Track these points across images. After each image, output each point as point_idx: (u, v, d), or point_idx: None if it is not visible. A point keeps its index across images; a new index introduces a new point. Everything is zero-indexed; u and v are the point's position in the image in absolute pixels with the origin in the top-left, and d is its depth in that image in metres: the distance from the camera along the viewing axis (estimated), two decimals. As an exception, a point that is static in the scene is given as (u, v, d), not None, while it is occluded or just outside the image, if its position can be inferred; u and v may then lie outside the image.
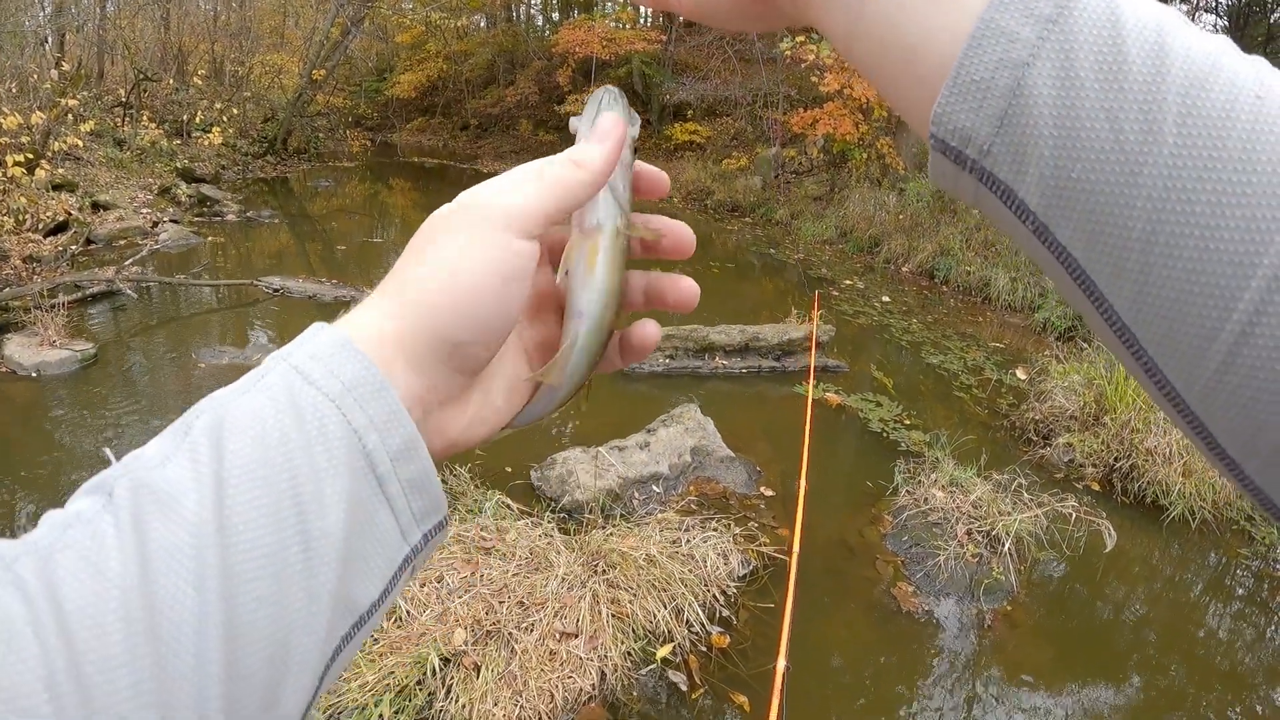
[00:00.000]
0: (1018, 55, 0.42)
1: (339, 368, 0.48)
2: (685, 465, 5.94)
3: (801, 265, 13.88)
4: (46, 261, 10.50)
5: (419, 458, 0.50)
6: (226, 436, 0.44)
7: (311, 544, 0.43)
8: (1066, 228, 0.43)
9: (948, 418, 7.58)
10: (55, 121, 13.58)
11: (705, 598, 4.55)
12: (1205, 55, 0.40)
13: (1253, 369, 0.38)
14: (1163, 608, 5.27)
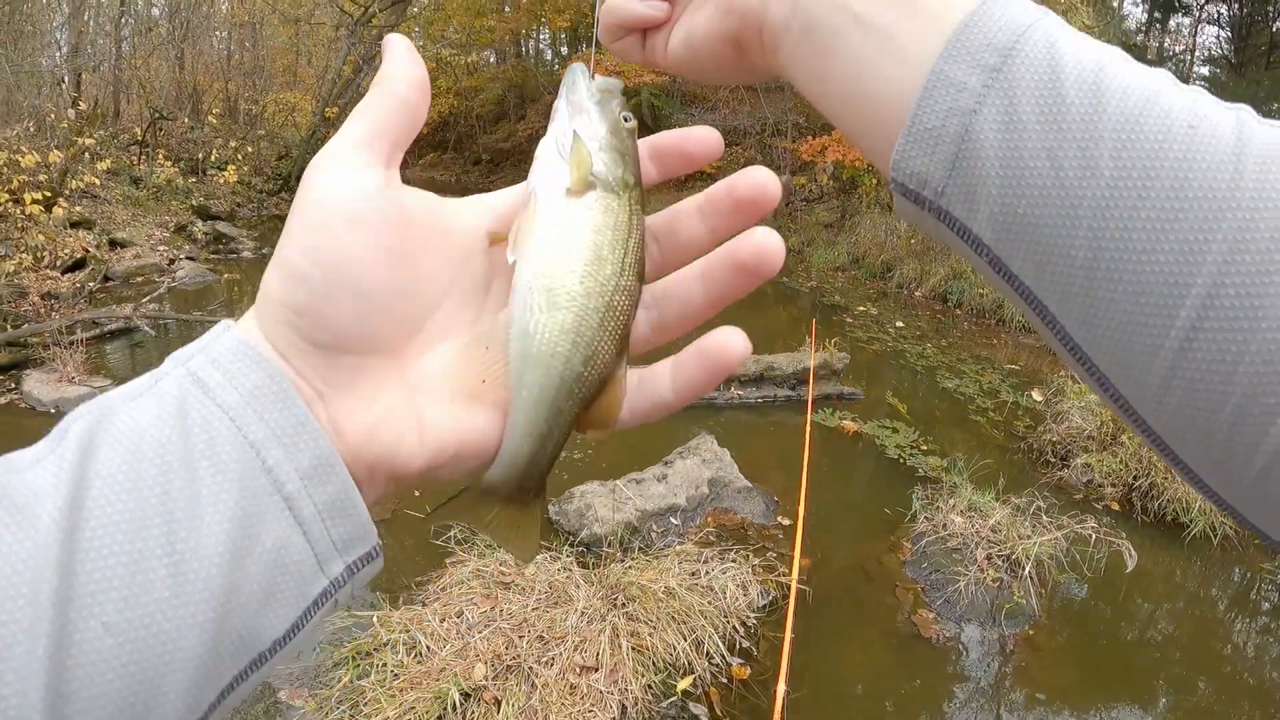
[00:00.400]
0: (965, 103, 0.46)
1: (239, 375, 0.44)
2: (703, 497, 5.94)
3: (814, 293, 13.90)
4: (64, 298, 10.62)
5: (335, 477, 0.45)
6: (99, 443, 0.40)
7: (183, 569, 0.39)
8: (1017, 258, 0.46)
9: (965, 442, 7.56)
10: (72, 160, 13.76)
11: (725, 629, 4.54)
12: (1141, 91, 0.44)
13: (1193, 380, 0.41)
14: (1187, 626, 5.24)
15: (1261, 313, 0.39)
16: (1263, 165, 0.41)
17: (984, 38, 0.47)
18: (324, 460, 0.44)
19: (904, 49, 0.50)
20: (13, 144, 12.85)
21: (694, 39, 0.63)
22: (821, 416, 7.85)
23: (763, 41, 0.58)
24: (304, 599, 0.44)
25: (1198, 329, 0.40)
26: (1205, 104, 0.44)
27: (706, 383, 0.54)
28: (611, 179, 0.56)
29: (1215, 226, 0.40)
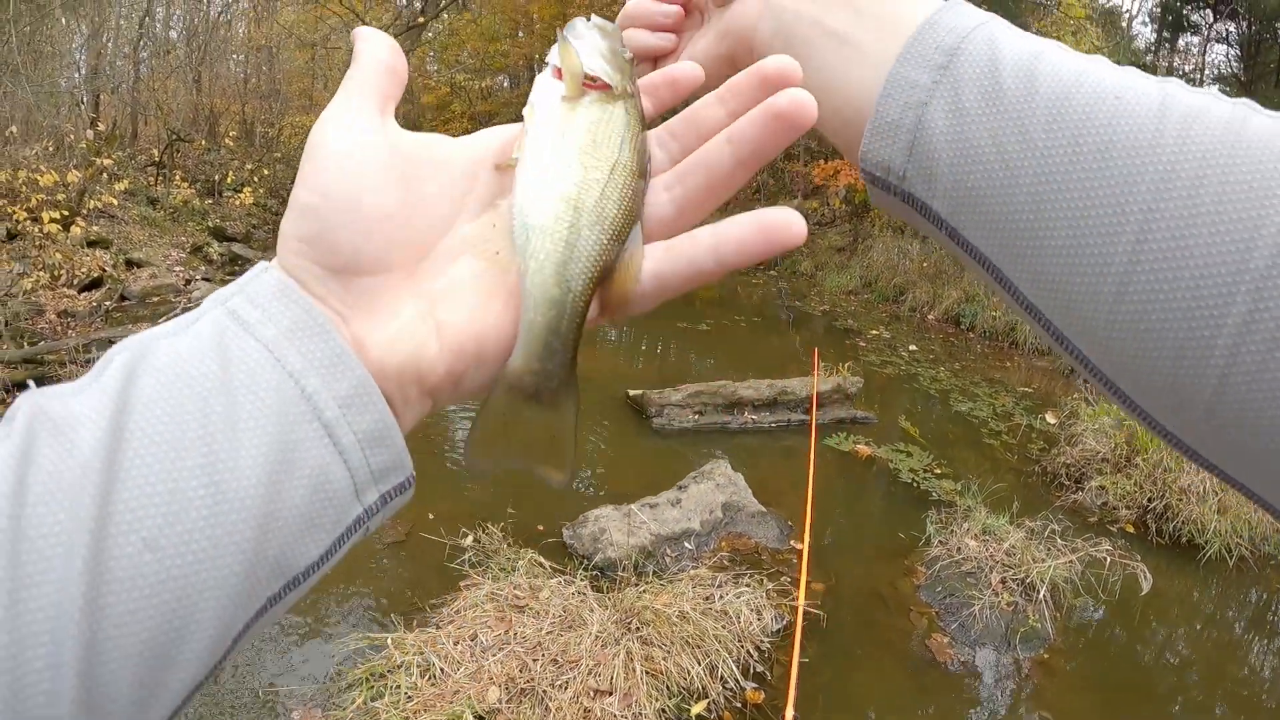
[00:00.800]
0: (918, 98, 0.53)
1: (277, 312, 0.46)
2: (717, 521, 5.94)
3: (827, 317, 13.90)
4: (81, 316, 10.71)
5: (374, 406, 0.46)
6: (140, 372, 0.42)
7: (222, 490, 0.40)
8: (971, 228, 0.52)
9: (978, 465, 7.54)
10: (90, 180, 13.86)
11: (739, 653, 4.54)
12: (1072, 71, 0.50)
13: (1133, 319, 0.45)
14: (1205, 648, 5.21)
15: (1186, 252, 0.43)
16: (1184, 123, 0.45)
17: (934, 41, 0.54)
18: (362, 388, 0.46)
19: (868, 56, 0.57)
20: (32, 163, 12.96)
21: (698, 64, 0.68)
22: (835, 441, 7.84)
23: (753, 58, 0.62)
24: (340, 525, 0.45)
25: (1131, 271, 0.44)
26: (1133, 77, 0.49)
27: (759, 252, 0.51)
28: (612, 80, 0.58)
29: (1139, 177, 0.45)
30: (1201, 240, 0.42)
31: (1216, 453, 0.46)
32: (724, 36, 0.69)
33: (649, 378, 9.96)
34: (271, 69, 28.68)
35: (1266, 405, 0.41)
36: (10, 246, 12.06)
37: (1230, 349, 0.41)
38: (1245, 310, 0.41)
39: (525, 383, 0.51)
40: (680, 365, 11.09)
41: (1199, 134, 0.44)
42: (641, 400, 8.30)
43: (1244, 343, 0.41)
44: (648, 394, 8.29)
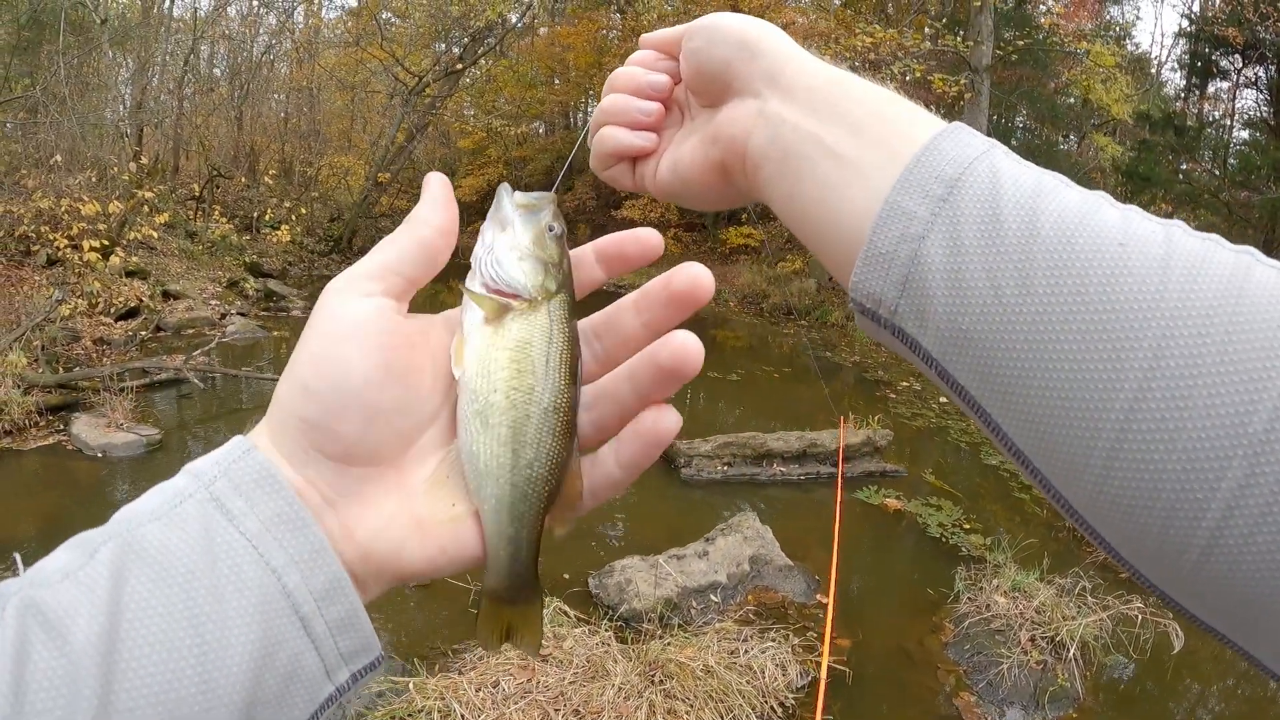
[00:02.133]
0: (915, 230, 0.52)
1: (260, 502, 0.48)
2: (744, 574, 5.90)
3: (858, 368, 13.85)
4: (116, 345, 10.91)
5: (345, 597, 0.49)
6: (130, 566, 0.44)
7: (212, 686, 0.43)
8: (962, 369, 0.51)
9: (1009, 520, 7.47)
10: (131, 211, 14.13)
11: (763, 709, 4.49)
12: (1075, 212, 0.49)
13: (1125, 481, 0.44)
14: (1238, 705, 5.11)
15: (1185, 412, 0.42)
16: (1188, 274, 0.44)
17: (934, 170, 0.53)
18: (336, 582, 0.49)
19: (865, 177, 0.56)
20: (75, 192, 13.22)
21: (682, 167, 0.71)
22: (865, 494, 7.78)
23: (745, 166, 0.66)
24: (312, 703, 0.48)
25: (1126, 430, 0.43)
26: (1136, 220, 0.49)
27: (647, 457, 0.57)
28: (532, 288, 0.60)
29: (1140, 333, 0.44)
30: (1200, 401, 0.42)
31: (1197, 605, 0.46)
32: (714, 142, 0.68)
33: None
34: (312, 109, 29.14)
35: (1254, 569, 0.41)
36: (50, 273, 12.31)
37: (1223, 513, 0.41)
38: (1241, 475, 0.41)
39: (500, 594, 0.59)
40: (709, 415, 11.06)
41: (1203, 288, 0.44)
42: (670, 450, 8.24)
43: (1237, 508, 0.41)
44: (676, 444, 8.25)
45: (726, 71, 0.67)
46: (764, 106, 0.64)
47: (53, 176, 13.62)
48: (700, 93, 0.71)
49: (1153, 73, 27.66)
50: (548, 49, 29.03)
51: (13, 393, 7.92)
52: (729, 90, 0.67)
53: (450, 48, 25.47)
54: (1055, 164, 4.07)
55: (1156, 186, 15.30)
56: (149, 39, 20.15)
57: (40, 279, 11.98)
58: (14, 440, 7.67)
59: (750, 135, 0.64)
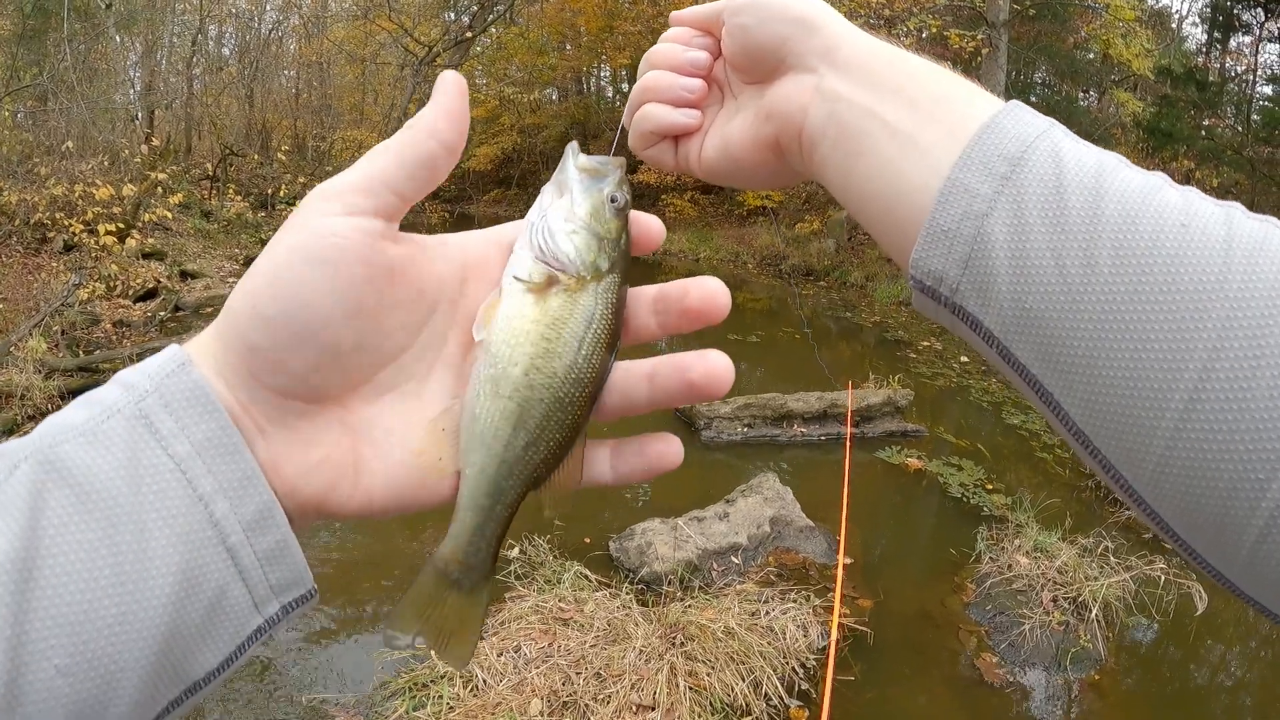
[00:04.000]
0: (978, 208, 0.51)
1: (191, 424, 0.46)
2: (764, 536, 5.90)
3: (878, 328, 13.79)
4: (136, 327, 10.98)
5: (275, 527, 0.48)
6: (50, 489, 0.42)
7: (129, 618, 0.42)
8: (1024, 349, 0.50)
9: (1030, 480, 7.43)
10: (145, 194, 14.22)
11: (784, 670, 4.49)
12: (1138, 192, 0.48)
13: (1187, 461, 0.44)
14: (1260, 668, 5.08)
15: (1248, 395, 0.42)
16: (1249, 258, 0.44)
17: (996, 148, 0.52)
18: (266, 511, 0.47)
19: (925, 154, 0.55)
20: (88, 177, 13.31)
21: (732, 146, 0.70)
22: (885, 454, 7.77)
23: (801, 144, 0.64)
24: (238, 636, 0.47)
25: (1190, 412, 0.44)
26: (1196, 201, 0.48)
27: (642, 478, 0.57)
28: (581, 265, 0.56)
29: (1204, 316, 0.44)
30: (1264, 382, 0.42)
31: (1253, 587, 0.46)
32: (767, 119, 0.66)
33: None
34: (323, 84, 29.20)
35: None
36: (67, 258, 12.36)
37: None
38: None
39: (450, 570, 0.55)
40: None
41: (1265, 270, 0.44)
42: (690, 412, 8.29)
43: None
44: (696, 406, 8.26)
45: (781, 48, 0.65)
46: (820, 83, 0.62)
47: (65, 163, 13.75)
48: (747, 70, 0.69)
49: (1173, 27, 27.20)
50: (558, 14, 28.83)
51: (34, 378, 7.97)
52: (781, 67, 0.66)
53: (459, 16, 25.37)
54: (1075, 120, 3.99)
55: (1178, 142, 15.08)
56: (155, 21, 20.20)
57: (58, 265, 12.03)
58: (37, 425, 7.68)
59: (807, 112, 0.63)
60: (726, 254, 21.13)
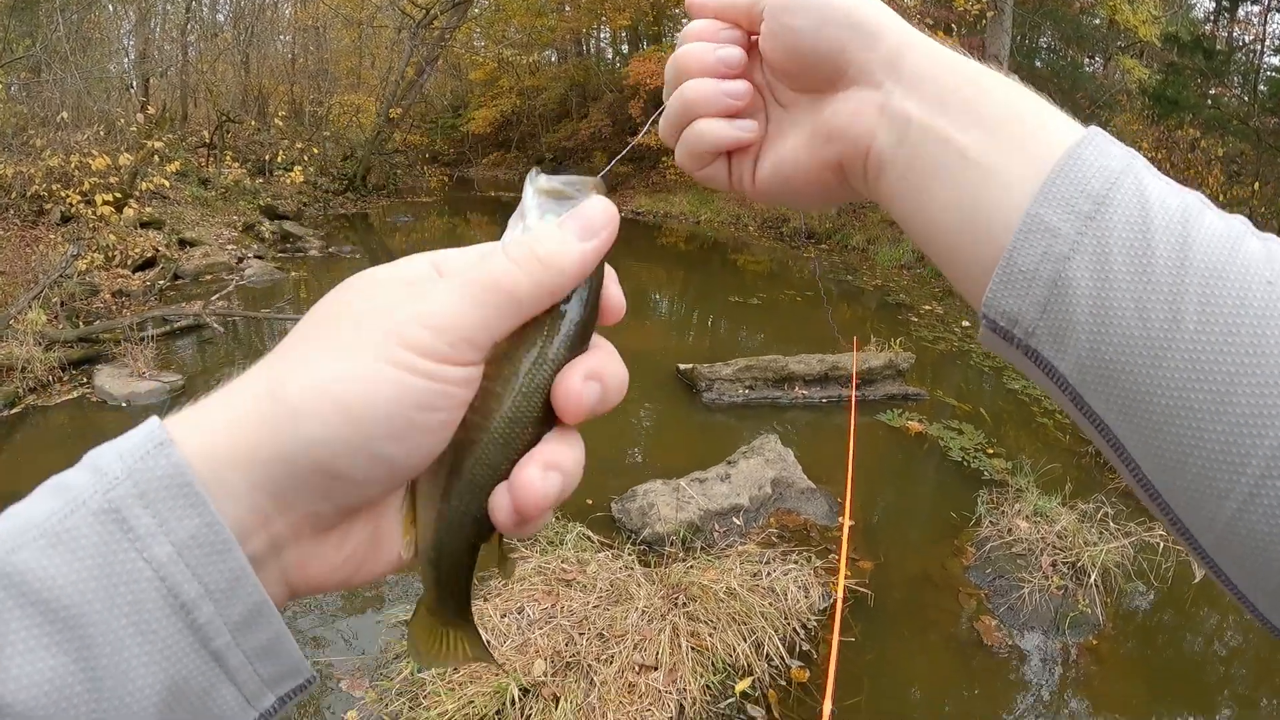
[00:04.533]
0: (1059, 249, 0.48)
1: (172, 520, 0.40)
2: (766, 497, 5.91)
3: (879, 291, 13.76)
4: (135, 296, 10.96)
5: (268, 624, 0.43)
6: (9, 610, 0.37)
7: None
8: (1099, 399, 0.48)
9: (1031, 445, 7.44)
10: (142, 163, 14.16)
11: (785, 631, 4.52)
12: (1223, 241, 0.46)
13: (1256, 524, 0.43)
14: (1255, 638, 5.08)
15: None
16: None
17: (1079, 183, 0.49)
18: (257, 610, 0.42)
19: (1004, 186, 0.51)
20: (83, 147, 13.22)
21: (785, 167, 0.64)
22: (886, 417, 7.77)
23: (866, 170, 0.60)
24: None
25: (1268, 474, 0.42)
26: (1279, 254, 0.46)
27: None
28: None
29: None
30: None
31: None
32: (829, 141, 0.61)
33: (699, 352, 9.93)
34: (319, 48, 28.95)
35: None
36: (65, 230, 12.33)
37: None
38: None
39: (435, 611, 0.55)
40: (730, 339, 11.06)
41: None
42: (691, 374, 8.29)
43: None
44: (698, 368, 8.28)
45: (839, 57, 0.59)
46: (887, 102, 0.57)
47: (60, 134, 13.64)
48: (794, 76, 0.63)
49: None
50: (556, -25, 28.67)
51: (35, 350, 7.98)
52: (840, 79, 0.60)
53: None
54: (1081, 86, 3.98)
55: (1184, 111, 14.93)
56: (148, -12, 19.99)
57: (55, 237, 12.00)
58: (39, 397, 7.74)
59: (874, 135, 0.58)
60: (727, 216, 21.03)
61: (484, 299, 0.45)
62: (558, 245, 0.47)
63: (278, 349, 0.46)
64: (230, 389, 0.45)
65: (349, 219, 20.76)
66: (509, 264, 0.46)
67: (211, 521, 0.40)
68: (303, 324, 0.47)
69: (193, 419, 0.43)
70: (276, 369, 0.45)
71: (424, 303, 0.45)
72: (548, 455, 0.49)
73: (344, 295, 0.48)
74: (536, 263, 0.46)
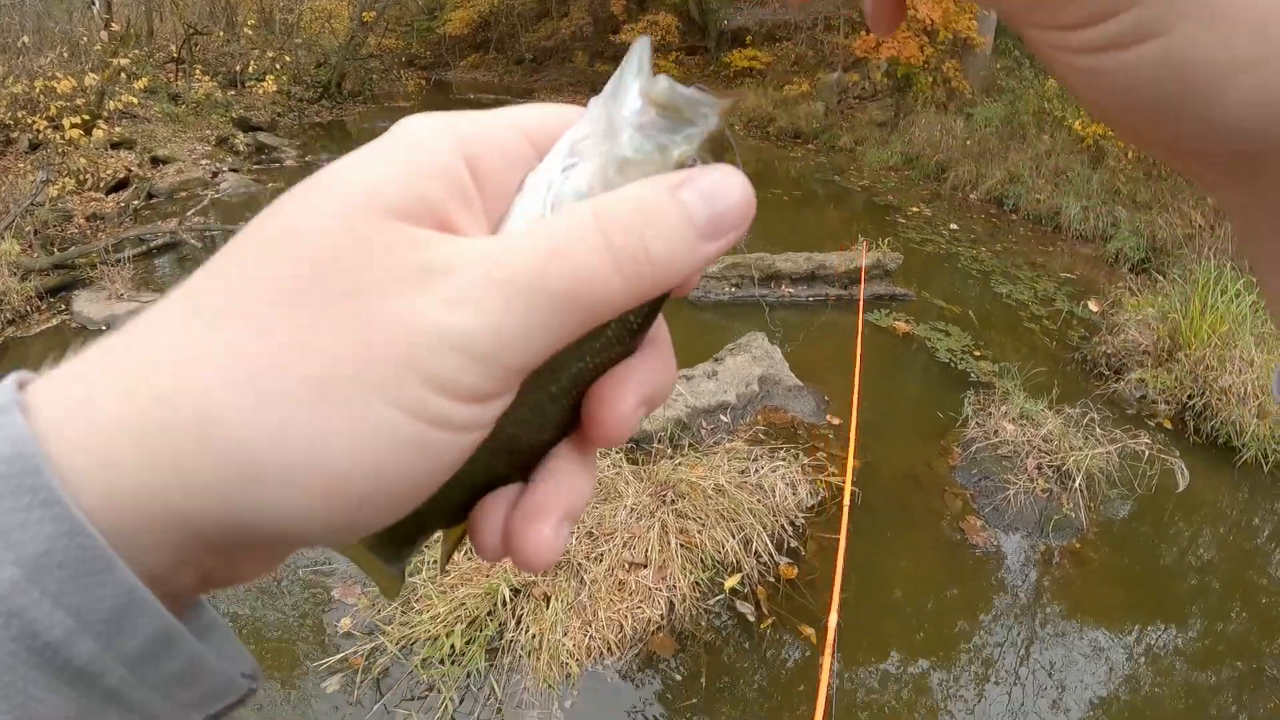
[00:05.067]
0: None
1: (16, 530, 0.27)
2: (753, 395, 5.89)
3: (867, 192, 13.62)
4: (110, 218, 10.73)
5: (177, 651, 0.30)
6: None
7: None
8: None
9: (1017, 349, 7.43)
10: (108, 82, 13.78)
11: (773, 528, 4.53)
12: None
13: None
14: (1229, 553, 5.13)
15: None
16: None
17: None
18: (163, 638, 0.30)
19: None
20: (47, 71, 12.88)
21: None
22: (874, 317, 7.74)
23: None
24: None
25: None
26: None
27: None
28: None
29: None
30: None
31: None
32: None
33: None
34: (288, -46, 28.06)
35: None
36: (34, 157, 12.05)
37: None
38: None
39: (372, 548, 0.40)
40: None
41: None
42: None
43: None
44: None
45: None
46: None
47: (23, 59, 13.27)
48: None
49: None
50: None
51: (10, 281, 7.82)
52: None
53: None
54: None
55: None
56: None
57: (24, 165, 11.67)
58: (18, 328, 7.61)
59: None
60: (713, 117, 20.60)
61: (554, 309, 0.31)
62: (681, 248, 0.33)
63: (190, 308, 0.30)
64: (127, 373, 0.29)
65: (325, 127, 20.37)
66: (605, 261, 0.32)
67: (79, 532, 0.27)
68: (237, 277, 0.31)
69: (78, 413, 0.29)
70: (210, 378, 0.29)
71: (457, 311, 0.30)
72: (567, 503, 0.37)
73: (306, 252, 0.30)
74: (646, 267, 0.32)
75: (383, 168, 0.32)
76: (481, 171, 0.34)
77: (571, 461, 0.38)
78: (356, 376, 0.29)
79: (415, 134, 0.33)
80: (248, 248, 0.31)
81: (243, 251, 0.31)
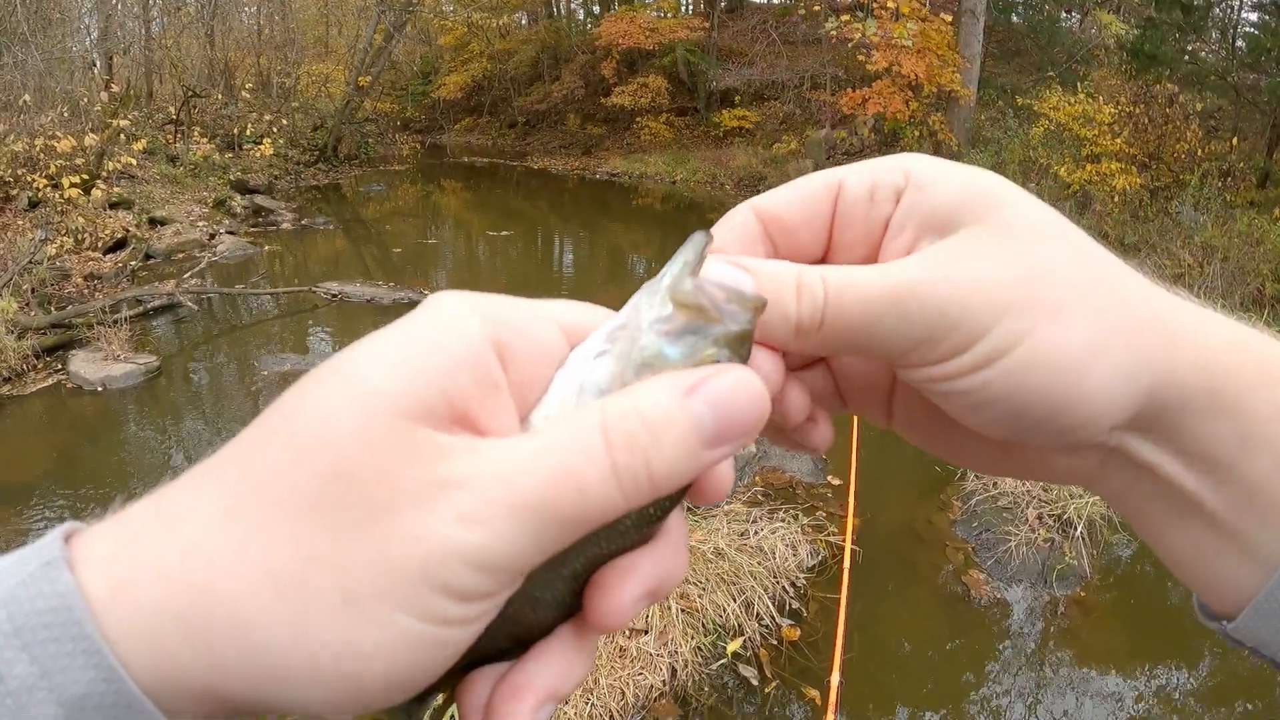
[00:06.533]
0: None
1: (59, 673, 0.28)
2: (751, 455, 5.90)
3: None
4: (107, 278, 10.76)
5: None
6: None
7: None
8: None
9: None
10: (108, 142, 13.90)
11: (775, 590, 4.51)
12: None
13: None
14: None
15: None
16: None
17: None
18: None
19: (1253, 557, 0.42)
20: (48, 130, 12.99)
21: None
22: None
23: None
24: None
25: None
26: None
27: None
28: None
29: None
30: None
31: None
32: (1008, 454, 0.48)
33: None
34: (285, 18, 28.42)
35: None
36: (33, 215, 12.12)
37: None
38: None
39: None
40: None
41: None
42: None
43: None
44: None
45: None
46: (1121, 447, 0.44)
47: (24, 117, 13.38)
48: None
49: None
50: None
51: (7, 339, 7.85)
52: None
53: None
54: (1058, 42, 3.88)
55: (1162, 66, 14.84)
56: (108, -36, 19.58)
57: (23, 223, 11.77)
58: (14, 386, 7.62)
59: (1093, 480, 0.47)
60: (703, 176, 20.89)
61: (561, 526, 0.32)
62: (685, 460, 0.34)
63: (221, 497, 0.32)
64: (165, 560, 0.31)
65: (321, 190, 20.54)
66: (608, 479, 0.32)
67: (113, 677, 0.29)
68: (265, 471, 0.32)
69: (124, 596, 0.30)
70: (242, 582, 0.30)
71: (472, 530, 0.31)
72: (551, 685, 0.37)
73: (329, 456, 0.31)
74: (646, 484, 0.33)
75: (406, 364, 0.33)
76: (510, 357, 0.35)
77: (566, 643, 0.39)
78: (376, 589, 0.31)
79: (444, 317, 0.35)
80: (272, 439, 0.32)
81: (266, 442, 0.33)
